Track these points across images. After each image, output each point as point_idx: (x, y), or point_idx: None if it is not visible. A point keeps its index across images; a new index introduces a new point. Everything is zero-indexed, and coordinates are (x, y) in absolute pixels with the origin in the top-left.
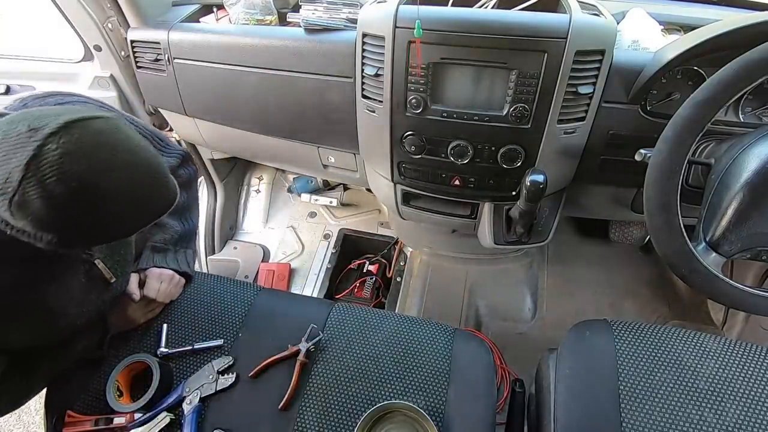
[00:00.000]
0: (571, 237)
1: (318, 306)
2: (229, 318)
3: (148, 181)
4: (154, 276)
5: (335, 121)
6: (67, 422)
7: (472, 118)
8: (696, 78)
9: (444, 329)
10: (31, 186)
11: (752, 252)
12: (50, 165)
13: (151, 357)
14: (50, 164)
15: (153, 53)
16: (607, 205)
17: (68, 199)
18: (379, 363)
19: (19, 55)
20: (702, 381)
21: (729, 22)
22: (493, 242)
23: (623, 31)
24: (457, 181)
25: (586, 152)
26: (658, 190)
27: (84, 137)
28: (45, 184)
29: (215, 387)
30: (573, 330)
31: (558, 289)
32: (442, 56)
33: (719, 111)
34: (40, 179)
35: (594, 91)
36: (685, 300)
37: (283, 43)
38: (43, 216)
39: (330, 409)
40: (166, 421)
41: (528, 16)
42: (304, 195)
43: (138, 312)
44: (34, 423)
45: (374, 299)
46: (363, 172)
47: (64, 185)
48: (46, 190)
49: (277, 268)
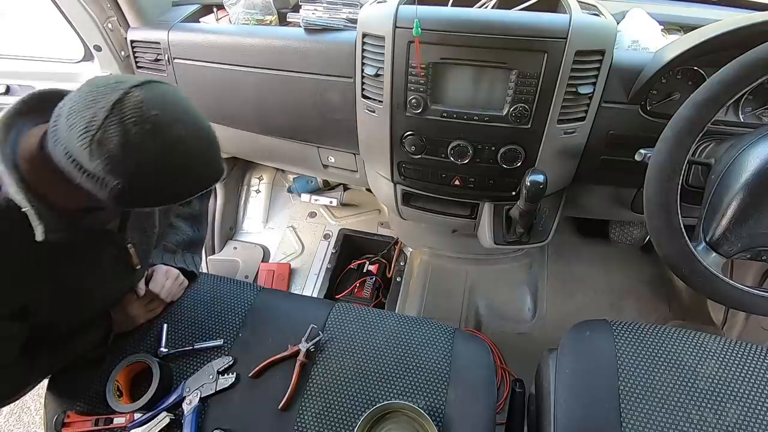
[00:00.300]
0: (571, 237)
1: (318, 306)
2: (229, 318)
3: (208, 147)
4: (161, 272)
5: (335, 121)
6: (67, 422)
7: (472, 118)
8: (696, 78)
9: (444, 329)
10: (113, 124)
11: (752, 252)
12: (131, 107)
13: (151, 357)
14: (131, 107)
15: (153, 53)
16: (607, 205)
17: (141, 140)
18: (379, 363)
19: (19, 55)
20: (702, 381)
21: (729, 22)
22: (493, 242)
23: (623, 31)
24: (457, 181)
25: (586, 152)
26: (658, 190)
27: (161, 92)
28: (124, 123)
29: (215, 387)
30: (573, 330)
31: (558, 289)
32: (442, 56)
33: (719, 111)
34: (121, 118)
35: (594, 91)
36: (685, 300)
37: (283, 43)
38: (117, 155)
39: (330, 409)
40: (166, 421)
41: (528, 16)
42: (304, 195)
43: (140, 311)
44: (34, 423)
45: (374, 299)
46: (363, 172)
47: (139, 126)
48: (124, 129)
49: (277, 268)
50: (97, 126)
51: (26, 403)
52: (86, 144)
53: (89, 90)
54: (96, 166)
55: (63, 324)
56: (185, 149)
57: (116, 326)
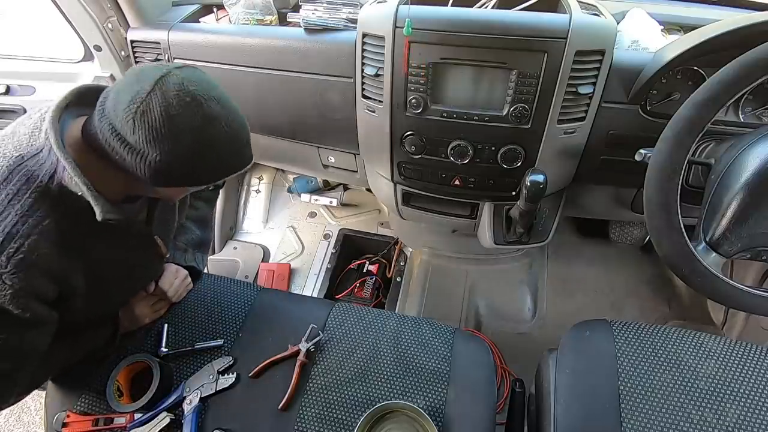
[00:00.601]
0: (571, 237)
1: (318, 306)
2: (229, 318)
3: (240, 130)
4: (171, 271)
5: (335, 121)
6: (67, 422)
7: (472, 118)
8: (696, 78)
9: (444, 329)
10: (156, 96)
11: (752, 252)
12: (174, 82)
13: (151, 357)
14: (174, 82)
15: (153, 53)
16: (607, 205)
17: (181, 111)
18: (379, 363)
19: (19, 55)
20: (702, 381)
21: (729, 22)
22: (493, 242)
23: (623, 31)
24: (457, 181)
25: (586, 152)
26: (658, 190)
27: (199, 73)
28: (166, 95)
29: (215, 387)
30: (573, 330)
31: (558, 289)
32: (442, 56)
33: (719, 111)
34: (164, 92)
35: (594, 91)
36: (685, 300)
37: (283, 43)
38: (157, 126)
39: (330, 409)
40: (166, 421)
41: (528, 16)
42: (304, 195)
43: (145, 310)
44: (34, 423)
45: (374, 299)
46: (363, 172)
47: (179, 98)
48: (166, 100)
49: (277, 268)
50: (141, 98)
51: (26, 403)
52: (131, 115)
53: (134, 73)
54: (138, 137)
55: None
56: (220, 128)
57: (122, 326)
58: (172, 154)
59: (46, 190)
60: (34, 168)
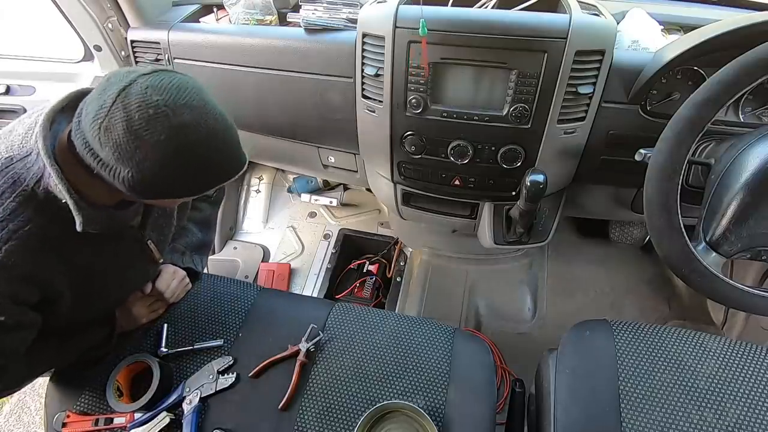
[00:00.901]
0: (571, 237)
1: (318, 306)
2: (229, 318)
3: (223, 136)
4: (169, 272)
5: (335, 121)
6: (67, 422)
7: (472, 118)
8: (696, 78)
9: (444, 329)
10: (118, 110)
11: (752, 252)
12: (135, 94)
13: (151, 357)
14: (135, 93)
15: (153, 53)
16: (607, 205)
17: (144, 125)
18: (379, 363)
19: (19, 55)
20: (702, 381)
21: (729, 22)
22: (493, 242)
23: (623, 31)
24: (457, 181)
25: (586, 152)
26: (658, 190)
27: (168, 80)
28: (128, 110)
29: (215, 387)
30: (573, 330)
31: (558, 289)
32: (442, 56)
33: (719, 111)
34: (125, 105)
35: (594, 91)
36: (685, 300)
37: (283, 43)
38: (122, 143)
39: (330, 409)
40: (166, 421)
41: (528, 16)
42: (304, 195)
43: (143, 310)
44: (34, 423)
45: (374, 299)
46: (363, 172)
47: (141, 111)
48: (128, 115)
49: (277, 268)
50: (104, 114)
51: (26, 402)
52: (96, 131)
53: (104, 80)
54: (106, 154)
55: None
56: (194, 138)
57: (119, 325)
58: (143, 170)
59: (31, 195)
60: (21, 171)
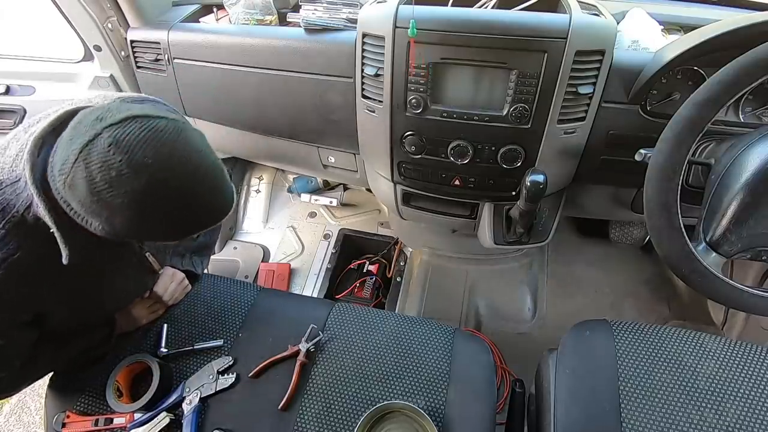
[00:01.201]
0: (571, 237)
1: (318, 306)
2: (229, 318)
3: (201, 187)
4: (168, 275)
5: (335, 121)
6: (67, 422)
7: (472, 118)
8: (696, 78)
9: (444, 329)
10: (80, 168)
11: (752, 252)
12: (97, 152)
13: (151, 357)
14: (98, 152)
15: (153, 53)
16: (607, 205)
17: (107, 188)
18: (379, 363)
19: (19, 55)
20: (702, 381)
21: (729, 22)
22: (493, 242)
23: (623, 31)
24: (457, 181)
25: (586, 152)
26: (658, 190)
27: (137, 132)
28: (90, 169)
29: (215, 387)
30: (573, 330)
31: (558, 289)
32: (442, 56)
33: (719, 111)
34: (87, 164)
35: (594, 91)
36: (685, 300)
37: (283, 43)
38: (87, 201)
39: (330, 409)
40: (166, 421)
41: (528, 16)
42: (304, 195)
43: (142, 312)
44: (34, 423)
45: (374, 299)
46: (363, 172)
47: (103, 172)
48: (90, 175)
49: (277, 268)
50: (68, 169)
51: (26, 403)
52: (62, 186)
53: (74, 125)
54: (75, 206)
55: (74, 323)
56: (164, 193)
57: (119, 327)
58: (114, 225)
59: (21, 221)
60: (11, 197)
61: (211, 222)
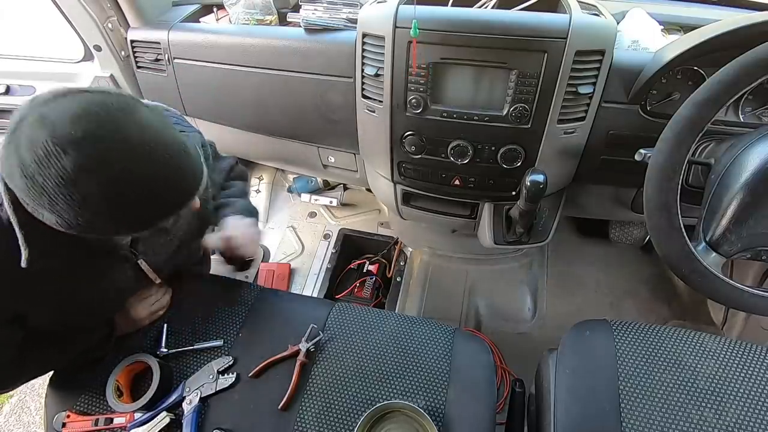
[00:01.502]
0: (571, 237)
1: (318, 306)
2: (229, 318)
3: (150, 166)
4: (230, 224)
5: (335, 121)
6: (67, 422)
7: (472, 118)
8: (696, 78)
9: (444, 329)
10: (11, 152)
11: (752, 252)
12: (24, 131)
13: (151, 357)
14: (24, 130)
15: (153, 53)
16: (607, 205)
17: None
18: (379, 363)
19: (19, 55)
20: (702, 381)
21: (729, 22)
22: (493, 242)
23: (623, 31)
24: (457, 181)
25: (586, 152)
26: (658, 190)
27: (66, 105)
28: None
29: (215, 387)
30: (573, 330)
31: (558, 289)
32: (442, 56)
33: (719, 111)
34: (17, 146)
35: (594, 91)
36: (685, 300)
37: (283, 43)
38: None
39: (330, 409)
40: (166, 421)
41: (528, 16)
42: (304, 195)
43: (143, 313)
44: (34, 423)
45: (374, 299)
46: (363, 172)
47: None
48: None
49: (277, 268)
50: (2, 156)
51: (26, 403)
52: (6, 176)
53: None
54: (22, 196)
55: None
56: (106, 173)
57: (118, 330)
58: (61, 215)
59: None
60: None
61: (171, 206)
